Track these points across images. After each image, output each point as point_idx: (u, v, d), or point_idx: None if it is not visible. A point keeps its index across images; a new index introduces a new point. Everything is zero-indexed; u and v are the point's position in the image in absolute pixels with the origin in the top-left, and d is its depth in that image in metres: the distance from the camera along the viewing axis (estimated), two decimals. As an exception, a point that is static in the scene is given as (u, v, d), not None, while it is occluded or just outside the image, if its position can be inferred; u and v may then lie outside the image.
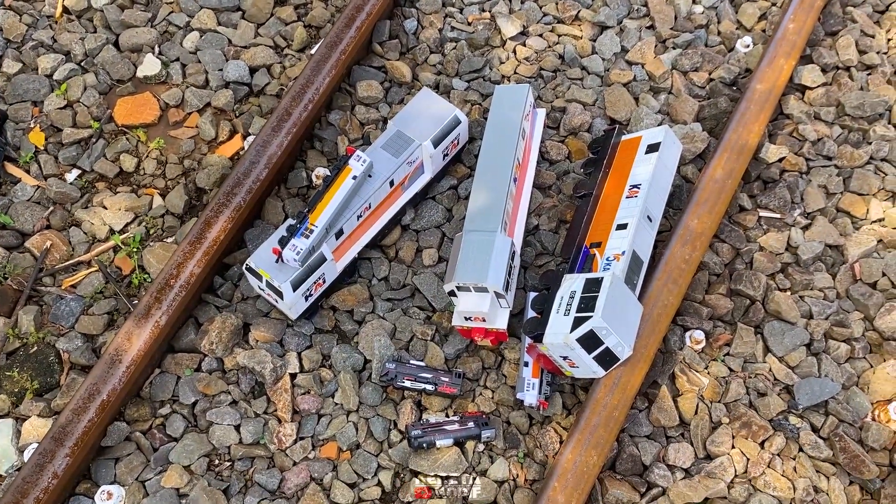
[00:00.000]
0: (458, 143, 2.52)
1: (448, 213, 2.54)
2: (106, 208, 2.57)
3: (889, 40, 2.83)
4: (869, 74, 2.75)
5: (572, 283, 2.14)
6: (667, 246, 2.30)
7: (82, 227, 2.54)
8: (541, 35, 2.89)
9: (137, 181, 2.64)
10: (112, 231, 2.53)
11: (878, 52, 2.78)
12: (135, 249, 2.49)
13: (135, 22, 2.88)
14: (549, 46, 2.86)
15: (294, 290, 2.17)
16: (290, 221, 2.21)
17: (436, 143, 2.40)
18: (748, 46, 2.82)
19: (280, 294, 2.18)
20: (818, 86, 2.72)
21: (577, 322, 2.02)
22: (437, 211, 2.52)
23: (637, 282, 2.21)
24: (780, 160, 2.58)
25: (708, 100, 2.71)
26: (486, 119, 2.65)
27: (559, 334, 2.04)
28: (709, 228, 2.34)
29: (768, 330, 2.32)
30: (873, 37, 2.82)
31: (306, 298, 2.27)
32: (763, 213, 2.51)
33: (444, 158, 2.50)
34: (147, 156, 2.67)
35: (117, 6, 2.92)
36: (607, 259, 2.20)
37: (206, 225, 2.34)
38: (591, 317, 2.00)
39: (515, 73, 2.80)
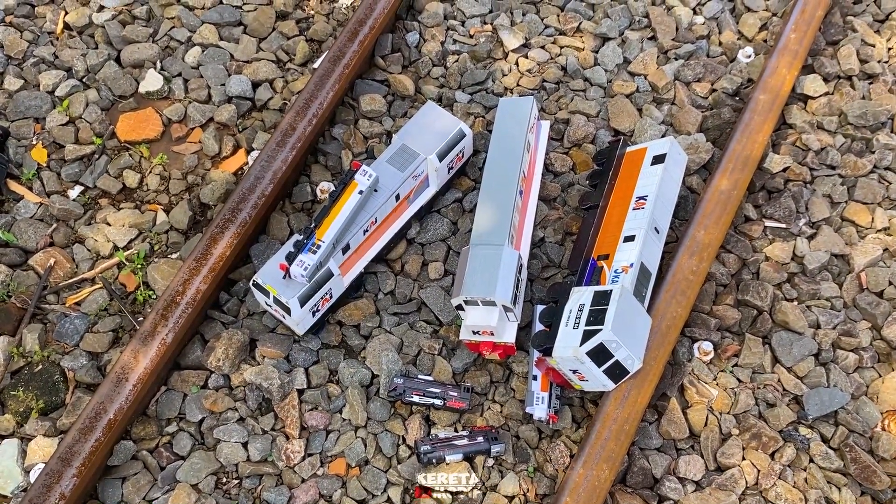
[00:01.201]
0: (462, 157, 2.52)
1: (453, 226, 2.54)
2: (109, 225, 2.55)
3: (890, 49, 2.84)
4: (871, 83, 2.76)
5: (581, 296, 2.13)
6: (674, 257, 2.30)
7: (86, 243, 2.53)
8: (543, 47, 2.89)
9: (141, 197, 2.63)
10: (116, 248, 2.52)
11: (879, 61, 2.80)
12: (139, 266, 2.47)
13: (136, 37, 2.87)
14: (552, 58, 2.87)
15: (302, 306, 2.16)
16: (297, 237, 2.20)
17: (441, 157, 2.40)
18: (750, 57, 2.83)
19: (288, 310, 2.17)
20: (820, 95, 2.73)
21: (587, 335, 2.01)
22: (442, 224, 2.52)
23: (645, 294, 2.20)
24: (784, 170, 2.59)
25: (711, 110, 2.72)
26: (489, 132, 2.65)
27: (569, 348, 2.03)
28: (715, 239, 2.34)
29: (776, 340, 2.32)
30: (874, 46, 2.83)
31: (313, 314, 2.26)
32: (768, 223, 2.51)
33: (448, 171, 2.50)
34: (150, 172, 2.66)
35: (118, 22, 2.92)
36: (615, 271, 2.20)
37: (212, 241, 2.33)
38: (601, 330, 1.99)
39: (518, 85, 2.81)
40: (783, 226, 2.51)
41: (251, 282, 2.22)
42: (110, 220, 2.56)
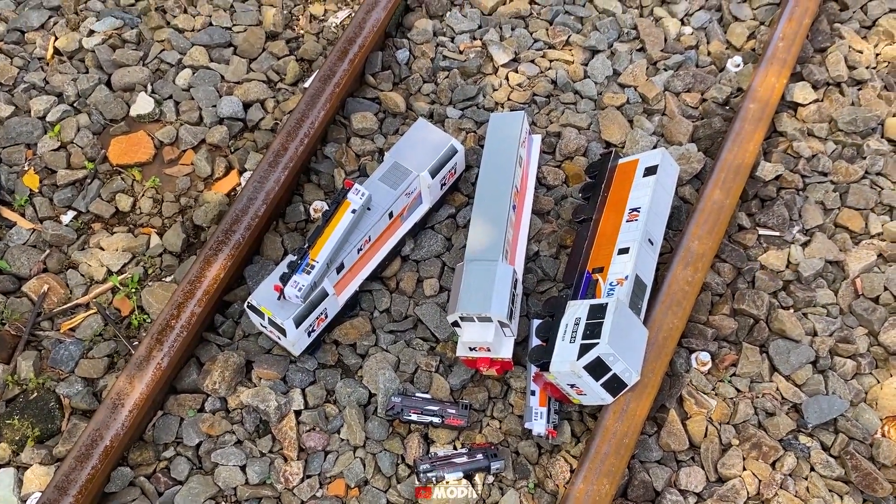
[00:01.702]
0: (455, 173, 2.52)
1: (447, 242, 2.54)
2: (103, 249, 2.54)
3: (877, 55, 2.85)
4: (859, 89, 2.77)
5: (577, 310, 2.13)
6: (668, 268, 2.30)
7: (79, 269, 2.52)
8: (532, 61, 2.90)
9: (134, 221, 2.62)
10: (110, 272, 2.51)
11: (867, 67, 2.81)
12: (133, 290, 2.47)
13: (126, 61, 2.87)
14: (542, 72, 2.88)
15: (297, 327, 2.16)
16: (291, 258, 2.19)
17: (433, 174, 2.40)
18: (738, 66, 2.84)
19: (283, 331, 2.16)
20: (810, 102, 2.74)
21: (584, 349, 2.00)
22: (436, 240, 2.52)
23: (641, 306, 2.20)
24: (777, 178, 2.59)
25: (702, 120, 2.73)
26: (481, 147, 2.65)
27: (566, 362, 2.03)
28: (710, 249, 2.34)
29: (773, 349, 2.32)
30: (861, 52, 2.84)
31: (309, 334, 2.25)
32: (762, 232, 2.51)
33: (441, 188, 2.50)
34: (143, 195, 2.65)
35: (108, 46, 2.92)
36: (610, 284, 2.20)
37: (206, 263, 2.32)
38: (598, 343, 1.99)
39: (509, 99, 2.81)
40: (777, 234, 2.51)
41: (246, 304, 2.21)
42: (104, 245, 2.55)
